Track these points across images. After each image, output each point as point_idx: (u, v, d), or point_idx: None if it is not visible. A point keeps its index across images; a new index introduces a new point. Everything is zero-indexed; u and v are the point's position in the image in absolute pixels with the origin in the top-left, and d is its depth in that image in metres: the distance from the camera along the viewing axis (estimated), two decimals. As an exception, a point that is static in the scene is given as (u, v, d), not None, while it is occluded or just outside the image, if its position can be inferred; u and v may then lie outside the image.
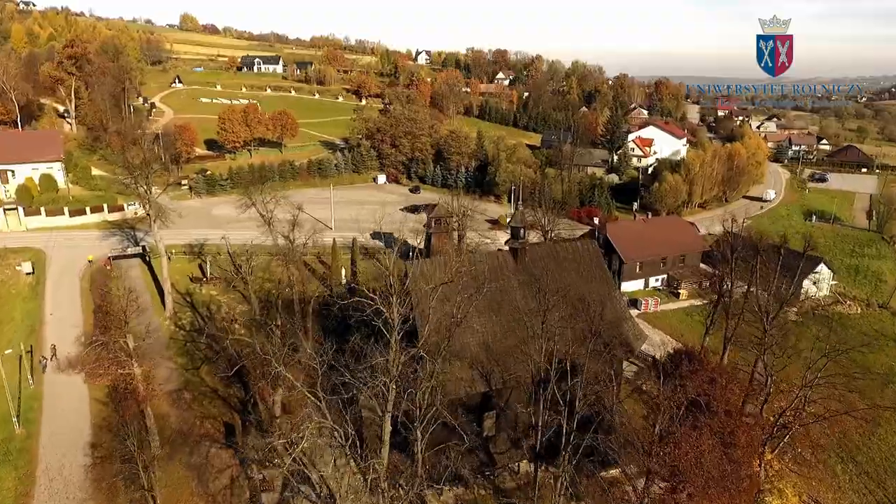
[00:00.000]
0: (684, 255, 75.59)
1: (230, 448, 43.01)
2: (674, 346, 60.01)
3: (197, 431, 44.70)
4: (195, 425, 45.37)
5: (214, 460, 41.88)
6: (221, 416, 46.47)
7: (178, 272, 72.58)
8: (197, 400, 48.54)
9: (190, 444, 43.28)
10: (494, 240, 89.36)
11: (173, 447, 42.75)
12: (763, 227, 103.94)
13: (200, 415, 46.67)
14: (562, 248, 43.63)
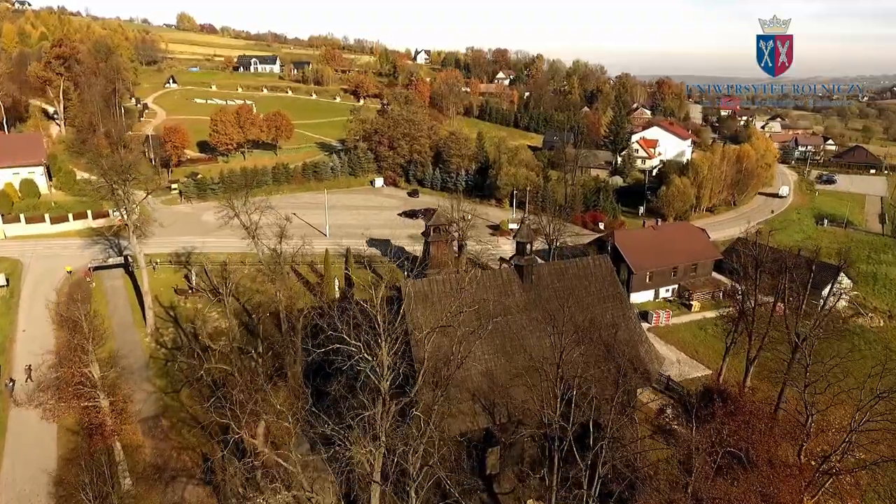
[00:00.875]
0: (696, 263, 71.87)
1: (208, 486, 39.23)
2: (688, 362, 56.71)
3: (173, 465, 40.95)
4: (171, 458, 41.62)
5: (191, 498, 38.11)
6: (200, 447, 42.65)
7: (162, 283, 68.91)
8: (175, 428, 44.78)
9: (165, 479, 39.53)
10: (496, 246, 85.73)
11: (146, 484, 38.98)
12: (774, 232, 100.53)
13: (178, 445, 42.92)
14: (572, 266, 39.90)
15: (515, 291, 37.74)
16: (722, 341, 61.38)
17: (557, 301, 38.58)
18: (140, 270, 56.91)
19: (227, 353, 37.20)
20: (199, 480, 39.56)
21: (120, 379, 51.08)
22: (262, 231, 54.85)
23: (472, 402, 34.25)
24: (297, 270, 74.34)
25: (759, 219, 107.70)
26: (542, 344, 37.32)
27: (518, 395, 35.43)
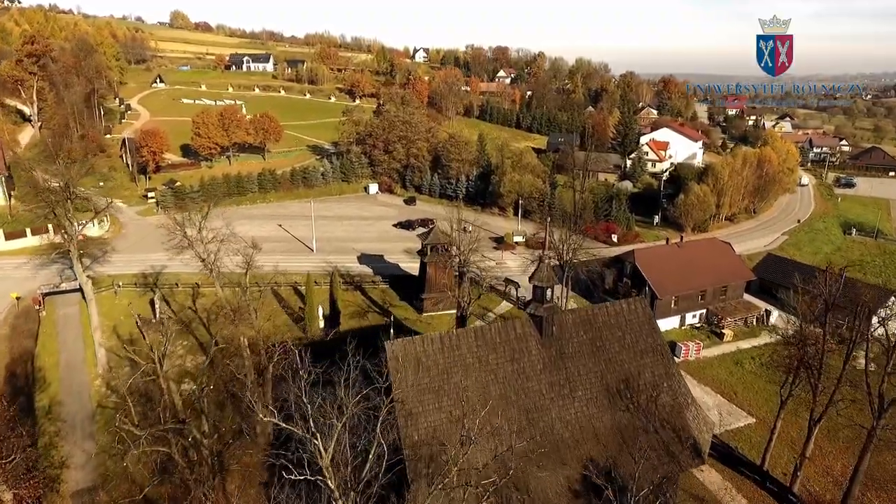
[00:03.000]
0: (726, 286, 63.95)
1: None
2: (727, 408, 48.84)
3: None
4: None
5: None
6: None
7: (124, 310, 60.81)
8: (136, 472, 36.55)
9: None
10: (500, 263, 77.87)
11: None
12: (802, 244, 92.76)
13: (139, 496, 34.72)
14: (601, 312, 31.94)
15: (532, 348, 29.81)
16: (763, 379, 53.78)
17: (585, 358, 30.67)
18: (89, 302, 48.55)
19: (164, 432, 29.35)
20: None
21: (58, 436, 43.40)
22: (224, 257, 46.56)
23: (478, 499, 26.29)
24: (278, 293, 66.41)
25: (784, 228, 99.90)
26: (567, 415, 29.44)
27: (538, 484, 27.54)
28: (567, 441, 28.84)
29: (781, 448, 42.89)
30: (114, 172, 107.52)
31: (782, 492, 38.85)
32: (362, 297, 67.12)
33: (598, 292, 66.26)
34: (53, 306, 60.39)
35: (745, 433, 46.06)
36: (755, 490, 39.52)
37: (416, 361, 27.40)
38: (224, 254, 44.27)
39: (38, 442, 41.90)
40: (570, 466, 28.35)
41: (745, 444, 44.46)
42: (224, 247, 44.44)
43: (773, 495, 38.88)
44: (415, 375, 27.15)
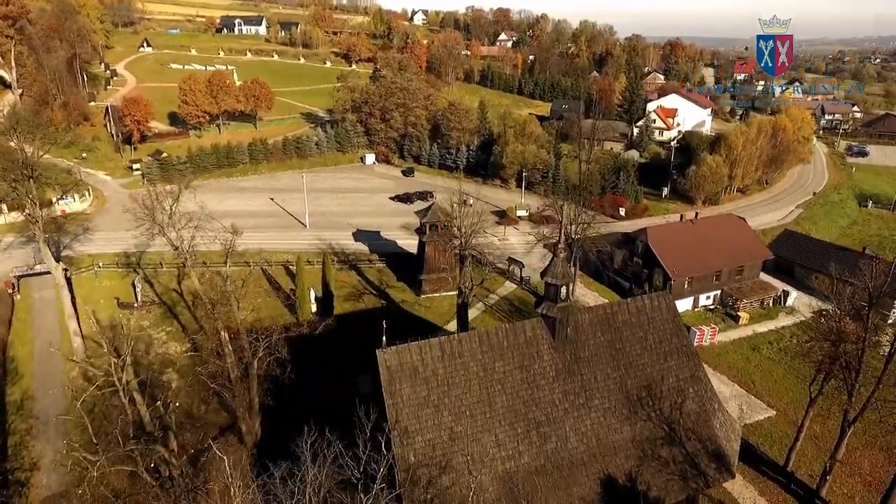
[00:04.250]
0: (743, 265, 60.38)
1: None
2: (745, 399, 45.86)
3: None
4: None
5: None
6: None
7: (105, 292, 57.50)
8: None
9: None
10: (503, 240, 74.19)
11: None
12: (818, 218, 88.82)
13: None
14: (621, 310, 28.39)
15: (544, 353, 26.36)
16: (782, 366, 50.74)
17: (602, 363, 27.27)
18: (60, 289, 44.91)
19: (129, 451, 26.08)
20: None
21: (29, 434, 40.45)
22: (201, 244, 42.71)
23: (484, 528, 23.27)
24: (269, 273, 62.91)
25: (798, 201, 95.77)
26: (582, 427, 26.22)
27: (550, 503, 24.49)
28: (582, 456, 25.69)
29: (805, 444, 40.02)
30: (97, 143, 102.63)
31: (809, 495, 36.10)
32: (357, 278, 63.65)
33: (607, 273, 62.77)
34: (29, 289, 56.92)
35: (765, 427, 43.19)
36: (779, 493, 36.77)
37: (413, 372, 23.98)
38: (201, 241, 40.38)
39: (7, 441, 39.04)
40: (584, 485, 25.24)
41: (765, 441, 41.63)
42: (200, 233, 40.43)
43: (799, 499, 36.15)
44: (411, 388, 23.77)
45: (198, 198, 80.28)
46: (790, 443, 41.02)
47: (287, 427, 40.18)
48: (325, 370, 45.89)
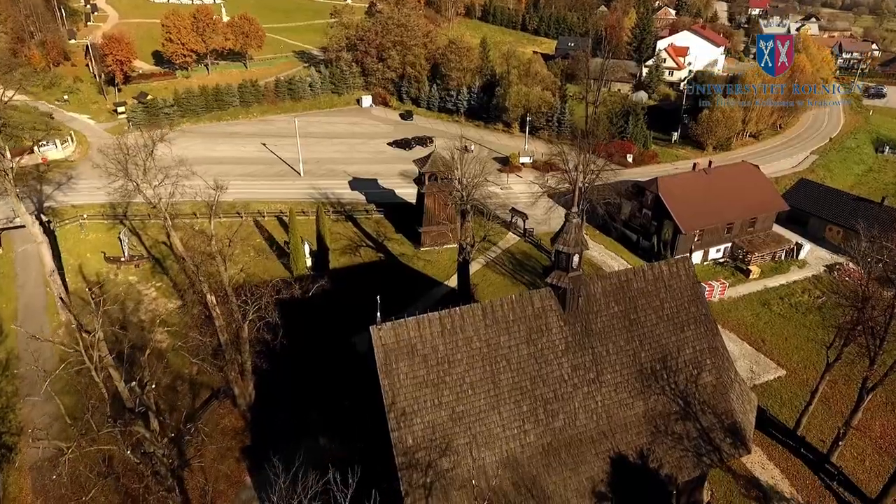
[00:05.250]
0: (756, 217, 57.81)
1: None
2: (754, 358, 44.49)
3: (70, 545, 29.57)
4: (69, 531, 30.15)
5: None
6: None
7: (90, 246, 55.23)
8: (79, 481, 32.86)
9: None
10: (505, 188, 71.22)
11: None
12: (833, 165, 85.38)
13: (85, 499, 31.09)
14: (637, 278, 26.15)
15: (553, 326, 24.33)
16: (793, 322, 49.09)
17: (615, 335, 25.31)
18: (39, 246, 42.55)
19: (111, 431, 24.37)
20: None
21: (16, 396, 39.19)
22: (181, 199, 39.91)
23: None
24: (262, 224, 60.47)
25: (813, 147, 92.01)
26: (592, 403, 24.57)
27: (556, 488, 23.15)
28: (591, 434, 24.18)
29: (816, 407, 38.74)
30: (79, 84, 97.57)
31: (819, 460, 35.16)
32: (354, 229, 61.23)
33: (615, 225, 60.29)
34: (12, 243, 54.61)
35: (774, 388, 41.93)
36: (788, 457, 35.82)
37: (411, 349, 22.01)
38: (183, 195, 37.68)
39: (-8, 404, 37.84)
40: (593, 464, 23.83)
41: (774, 402, 40.44)
42: (181, 189, 37.62)
43: (809, 464, 35.22)
44: (408, 367, 21.87)
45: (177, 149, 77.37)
46: (800, 404, 39.94)
47: (281, 390, 39.15)
48: (321, 329, 44.27)
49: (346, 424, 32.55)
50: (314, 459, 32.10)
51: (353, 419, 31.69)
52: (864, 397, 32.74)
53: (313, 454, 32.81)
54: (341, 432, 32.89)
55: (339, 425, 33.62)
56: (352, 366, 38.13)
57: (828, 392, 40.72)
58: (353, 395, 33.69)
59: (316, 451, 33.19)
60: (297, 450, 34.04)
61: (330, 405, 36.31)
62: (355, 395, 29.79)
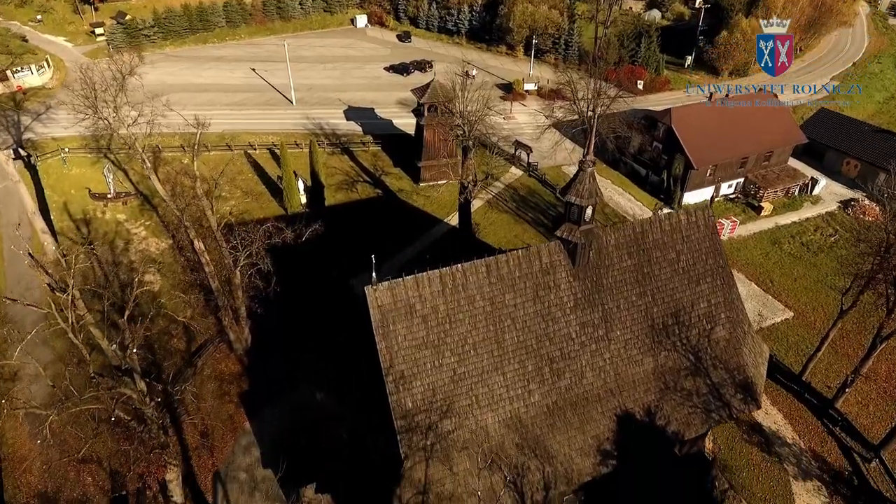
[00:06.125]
0: (772, 151, 55.01)
1: (117, 528, 28.22)
2: (762, 299, 43.46)
3: (70, 493, 29.60)
4: (67, 479, 30.12)
5: (91, 553, 27.28)
6: (109, 459, 30.94)
7: (74, 182, 52.85)
8: (76, 426, 32.55)
9: (55, 519, 28.43)
10: (508, 118, 67.67)
11: (28, 530, 27.97)
12: (853, 92, 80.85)
13: (77, 456, 30.89)
14: (653, 230, 24.29)
15: (562, 282, 22.76)
16: (803, 262, 47.69)
17: (627, 290, 23.82)
18: (17, 184, 40.28)
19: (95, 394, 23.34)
20: (103, 521, 28.48)
21: (6, 342, 38.19)
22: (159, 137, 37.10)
23: (489, 473, 21.35)
24: (253, 158, 57.76)
25: (834, 71, 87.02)
26: (600, 361, 23.47)
27: (560, 447, 22.49)
28: (598, 392, 23.24)
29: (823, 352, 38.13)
30: (54, 2, 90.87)
31: (823, 406, 34.83)
32: (350, 163, 58.56)
33: (624, 159, 57.57)
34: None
35: (781, 331, 41.15)
36: (792, 402, 35.50)
37: (409, 310, 20.54)
38: (167, 128, 35.01)
39: (-17, 350, 36.99)
40: (599, 423, 23.07)
41: (781, 346, 39.73)
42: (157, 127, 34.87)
43: (813, 409, 34.92)
44: (407, 328, 20.50)
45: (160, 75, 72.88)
46: (806, 348, 39.30)
47: (278, 336, 38.31)
48: (317, 272, 42.90)
49: (342, 371, 31.74)
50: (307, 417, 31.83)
51: (348, 362, 30.62)
52: (876, 346, 31.79)
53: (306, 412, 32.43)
54: (337, 381, 32.22)
55: (335, 373, 32.90)
56: (350, 310, 37.14)
57: (836, 337, 39.97)
58: (349, 332, 32.52)
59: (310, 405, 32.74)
60: (290, 400, 33.68)
61: (326, 350, 35.54)
62: (352, 333, 28.39)
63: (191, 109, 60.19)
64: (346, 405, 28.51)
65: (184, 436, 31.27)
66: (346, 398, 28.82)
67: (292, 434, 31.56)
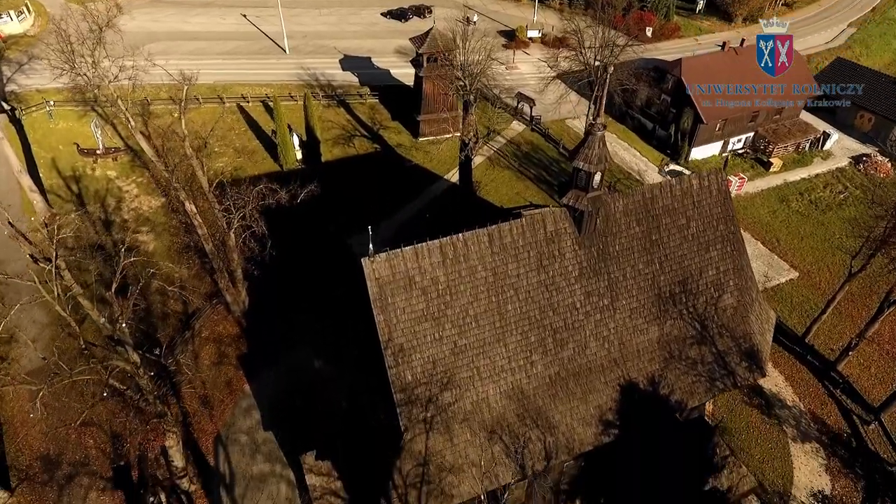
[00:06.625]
0: (784, 104, 52.95)
1: (120, 490, 28.42)
2: (767, 259, 42.79)
3: (70, 456, 29.73)
4: (69, 442, 30.21)
5: (95, 514, 27.58)
6: (110, 422, 30.97)
7: (62, 137, 51.11)
8: (73, 395, 32.36)
9: (59, 481, 28.61)
10: (511, 68, 65.11)
11: (30, 491, 28.19)
12: (871, 41, 77.60)
13: (78, 418, 30.87)
14: (664, 195, 23.22)
15: (567, 250, 21.91)
16: (811, 221, 46.74)
17: (634, 258, 23.01)
18: (1, 140, 38.78)
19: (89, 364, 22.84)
20: (107, 483, 28.68)
21: (1, 303, 37.78)
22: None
23: (490, 444, 21.15)
24: (246, 110, 55.77)
25: (852, 17, 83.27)
26: (605, 331, 22.93)
27: (562, 417, 22.25)
28: (602, 362, 22.81)
29: (827, 312, 37.70)
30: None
31: (824, 368, 34.68)
32: (347, 116, 56.58)
33: (632, 113, 55.58)
34: (-26, 133, 50.32)
35: (785, 291, 40.65)
36: (793, 364, 35.36)
37: (408, 282, 19.77)
38: (147, 87, 33.30)
39: (-23, 311, 36.54)
40: (602, 393, 22.74)
41: (784, 307, 39.30)
42: (142, 79, 33.08)
43: (814, 371, 34.80)
44: (406, 301, 19.79)
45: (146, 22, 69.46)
46: (811, 309, 38.92)
47: (275, 297, 37.77)
48: (314, 230, 41.99)
49: (339, 330, 31.26)
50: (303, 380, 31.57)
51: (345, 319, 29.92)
52: (884, 310, 31.27)
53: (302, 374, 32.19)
54: (334, 341, 31.84)
55: (332, 333, 32.47)
56: (348, 267, 36.46)
57: (841, 299, 39.45)
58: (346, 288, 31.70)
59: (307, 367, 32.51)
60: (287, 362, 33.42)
61: (322, 308, 35.02)
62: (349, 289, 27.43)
63: (178, 59, 57.73)
64: (343, 366, 28.23)
65: (183, 402, 31.16)
66: (344, 359, 28.52)
67: (289, 396, 31.51)
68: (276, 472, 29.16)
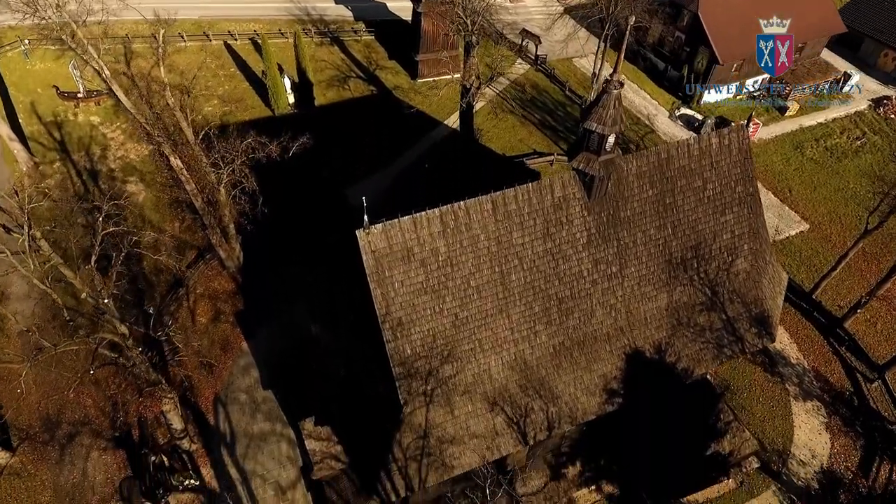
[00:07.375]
0: (805, 42, 49.88)
1: (122, 450, 28.43)
2: (778, 210, 41.47)
3: (70, 416, 29.60)
4: (68, 403, 30.00)
5: (97, 474, 27.70)
6: (109, 382, 30.70)
7: (40, 79, 48.44)
8: (66, 357, 31.81)
9: (59, 442, 28.61)
10: (516, 1, 61.09)
11: (31, 450, 28.23)
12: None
13: (76, 378, 30.58)
14: (680, 155, 21.63)
15: (575, 217, 20.63)
16: (826, 169, 45.04)
17: (645, 223, 21.77)
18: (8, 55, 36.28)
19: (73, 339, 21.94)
20: (107, 443, 28.67)
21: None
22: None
23: (491, 415, 20.74)
24: (234, 49, 52.65)
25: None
26: (612, 299, 22.03)
27: (566, 387, 21.75)
28: (607, 331, 22.06)
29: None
30: None
31: (831, 325, 34.14)
32: (341, 55, 53.49)
33: (645, 53, 52.47)
34: (-53, 75, 47.62)
35: (794, 244, 39.59)
36: (799, 320, 34.81)
37: (406, 254, 18.62)
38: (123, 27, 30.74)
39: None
40: (607, 362, 22.15)
41: (793, 260, 38.38)
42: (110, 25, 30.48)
43: (820, 328, 34.29)
44: (404, 273, 18.72)
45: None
46: (820, 262, 38.02)
47: (269, 252, 36.67)
48: (307, 177, 40.35)
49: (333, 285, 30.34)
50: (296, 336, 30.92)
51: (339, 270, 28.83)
52: (893, 275, 30.30)
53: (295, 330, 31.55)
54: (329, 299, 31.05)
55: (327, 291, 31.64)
56: (343, 216, 35.18)
57: (853, 255, 38.45)
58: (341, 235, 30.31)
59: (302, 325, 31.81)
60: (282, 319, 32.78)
61: (315, 259, 34.02)
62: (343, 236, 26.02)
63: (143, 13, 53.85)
64: (339, 330, 27.53)
65: (180, 366, 30.64)
66: (339, 322, 27.78)
67: (286, 357, 31.09)
68: (277, 430, 29.14)
